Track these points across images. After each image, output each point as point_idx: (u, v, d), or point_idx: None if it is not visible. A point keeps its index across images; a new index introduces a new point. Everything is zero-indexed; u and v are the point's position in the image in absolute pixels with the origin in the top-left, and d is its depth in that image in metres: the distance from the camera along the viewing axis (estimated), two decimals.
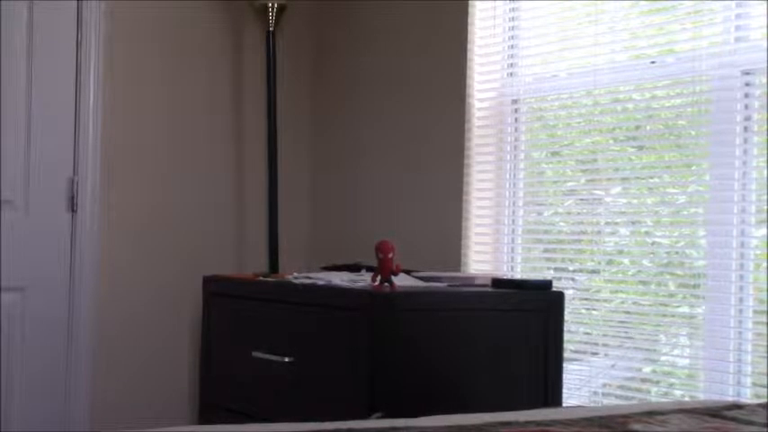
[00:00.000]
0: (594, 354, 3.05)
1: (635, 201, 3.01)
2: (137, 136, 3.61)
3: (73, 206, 3.44)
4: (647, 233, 2.97)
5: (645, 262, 2.98)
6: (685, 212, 2.90)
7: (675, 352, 2.91)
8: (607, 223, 3.04)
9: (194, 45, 3.74)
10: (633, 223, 3.01)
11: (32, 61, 3.37)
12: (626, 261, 3.03)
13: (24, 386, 3.34)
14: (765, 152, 2.63)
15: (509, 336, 2.83)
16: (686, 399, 2.76)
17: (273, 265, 3.69)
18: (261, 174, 3.82)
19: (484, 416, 1.86)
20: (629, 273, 3.02)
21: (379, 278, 2.79)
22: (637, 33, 3.05)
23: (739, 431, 1.77)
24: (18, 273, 3.33)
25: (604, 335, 3.01)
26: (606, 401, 3.01)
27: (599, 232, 3.05)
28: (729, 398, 2.63)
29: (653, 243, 2.96)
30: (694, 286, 2.84)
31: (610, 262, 3.07)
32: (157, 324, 3.64)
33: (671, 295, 2.91)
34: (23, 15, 3.35)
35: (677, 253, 2.90)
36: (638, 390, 2.95)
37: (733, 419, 1.88)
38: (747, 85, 2.71)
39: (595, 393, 3.06)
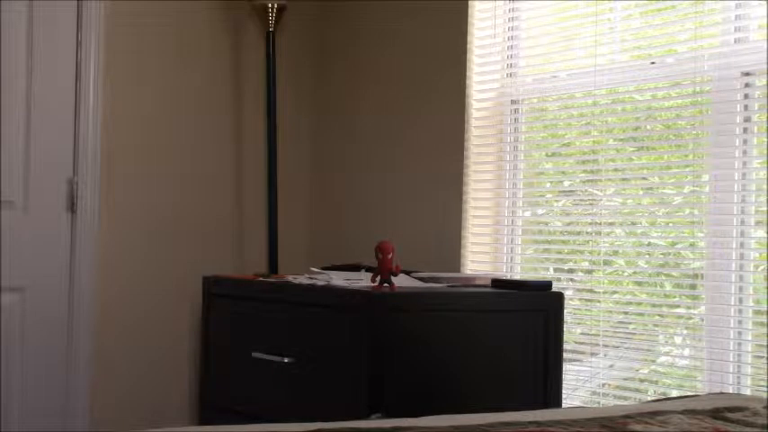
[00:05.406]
0: (594, 354, 3.05)
1: (634, 201, 3.01)
2: (137, 136, 3.61)
3: (73, 206, 3.43)
4: (645, 233, 2.97)
5: (644, 262, 2.98)
6: (686, 212, 2.90)
7: (676, 352, 2.91)
8: (607, 223, 3.04)
9: (194, 45, 3.74)
10: (632, 224, 3.01)
11: (32, 61, 3.37)
12: (625, 261, 3.03)
13: (24, 386, 3.34)
14: (765, 152, 2.63)
15: (509, 336, 2.83)
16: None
17: (273, 265, 3.70)
18: (261, 174, 3.82)
19: (486, 416, 1.86)
20: (629, 273, 3.03)
21: (378, 278, 2.79)
22: (637, 33, 3.05)
23: None
24: (18, 273, 3.33)
25: (605, 335, 3.01)
26: (605, 402, 3.01)
27: (599, 233, 3.05)
28: None
29: (649, 244, 2.96)
30: (694, 287, 2.84)
31: (609, 262, 3.07)
32: (157, 324, 3.64)
33: (671, 296, 2.91)
34: (23, 15, 3.34)
35: (677, 253, 2.90)
36: (638, 390, 2.95)
37: (733, 421, 1.88)
38: (747, 85, 2.71)
39: (595, 393, 3.07)
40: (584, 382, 3.07)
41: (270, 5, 3.72)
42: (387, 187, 3.69)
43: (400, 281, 2.87)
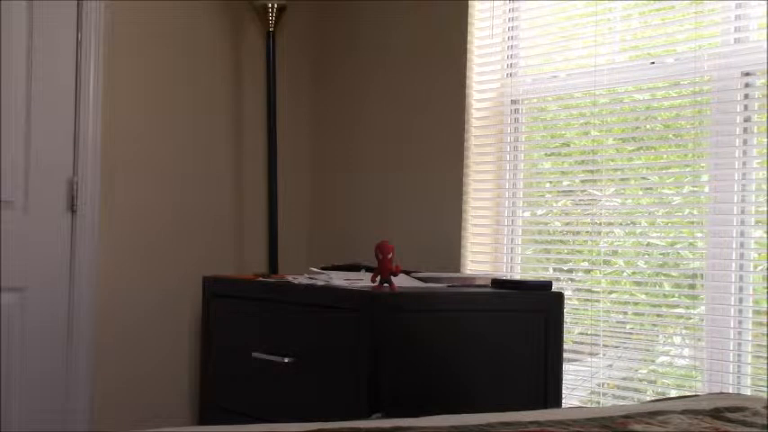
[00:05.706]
0: (594, 354, 3.05)
1: (634, 201, 3.01)
2: (137, 136, 3.61)
3: (73, 206, 3.43)
4: (644, 233, 2.97)
5: (643, 262, 2.98)
6: (685, 212, 2.90)
7: (675, 352, 2.91)
8: (606, 224, 3.04)
9: (194, 45, 3.74)
10: (632, 224, 3.01)
11: (32, 61, 3.37)
12: (625, 261, 3.03)
13: (24, 386, 3.34)
14: (765, 152, 2.63)
15: (509, 336, 2.83)
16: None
17: (273, 265, 3.70)
18: (261, 174, 3.83)
19: (486, 416, 1.86)
20: (629, 273, 3.03)
21: (378, 278, 2.79)
22: (637, 33, 3.06)
23: None
24: (18, 273, 3.33)
25: (605, 335, 3.01)
26: (604, 401, 3.01)
27: (598, 233, 3.05)
28: None
29: (648, 244, 2.96)
30: (693, 287, 2.84)
31: (608, 262, 3.07)
32: (157, 324, 3.64)
33: (670, 296, 2.91)
34: (23, 15, 3.34)
35: (676, 253, 2.90)
36: (637, 390, 2.95)
37: (733, 421, 1.89)
38: (747, 85, 2.71)
39: (594, 393, 3.07)
40: (583, 382, 3.08)
41: (270, 5, 3.72)
42: (387, 187, 3.69)
43: (400, 281, 2.87)
